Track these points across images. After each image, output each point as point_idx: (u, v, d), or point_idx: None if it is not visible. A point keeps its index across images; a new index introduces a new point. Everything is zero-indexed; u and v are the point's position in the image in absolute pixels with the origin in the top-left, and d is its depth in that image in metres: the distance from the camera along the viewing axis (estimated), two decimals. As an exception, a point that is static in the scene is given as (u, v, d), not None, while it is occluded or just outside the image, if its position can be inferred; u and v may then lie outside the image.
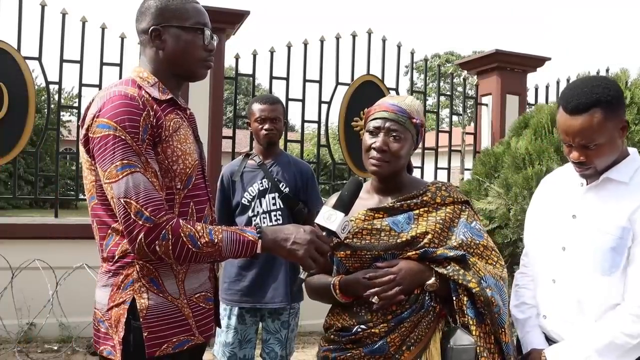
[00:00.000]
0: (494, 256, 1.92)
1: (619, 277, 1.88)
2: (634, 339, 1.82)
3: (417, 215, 1.91)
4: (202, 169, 1.86)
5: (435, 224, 1.88)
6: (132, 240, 1.59)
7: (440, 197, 1.93)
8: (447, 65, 19.86)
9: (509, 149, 3.83)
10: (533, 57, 6.76)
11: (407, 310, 1.83)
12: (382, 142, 1.90)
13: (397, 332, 1.81)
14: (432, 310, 1.83)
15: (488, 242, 1.94)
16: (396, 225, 1.89)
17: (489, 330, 1.80)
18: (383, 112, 1.94)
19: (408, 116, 1.93)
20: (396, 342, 1.81)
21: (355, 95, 6.01)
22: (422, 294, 1.84)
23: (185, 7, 1.80)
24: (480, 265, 1.85)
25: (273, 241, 1.71)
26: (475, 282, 1.80)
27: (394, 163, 1.92)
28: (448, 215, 1.91)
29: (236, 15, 5.43)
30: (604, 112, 1.82)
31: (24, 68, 5.00)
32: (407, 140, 1.93)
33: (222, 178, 3.25)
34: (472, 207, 2.00)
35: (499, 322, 1.80)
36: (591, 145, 1.86)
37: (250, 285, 3.08)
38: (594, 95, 1.83)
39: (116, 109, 1.62)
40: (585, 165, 1.91)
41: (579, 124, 1.84)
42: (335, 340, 1.92)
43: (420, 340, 1.81)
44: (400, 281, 1.80)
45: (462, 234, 1.89)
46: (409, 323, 1.81)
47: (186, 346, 1.73)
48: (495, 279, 1.85)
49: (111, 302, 1.70)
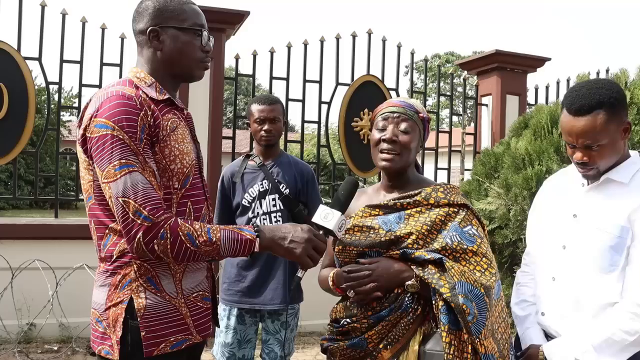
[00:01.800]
0: (484, 263, 1.84)
1: (617, 276, 1.91)
2: (631, 335, 1.85)
3: (409, 215, 1.90)
4: (199, 168, 1.86)
5: (423, 225, 1.86)
6: (130, 240, 1.59)
7: (434, 198, 1.91)
8: (447, 65, 19.87)
9: (508, 150, 3.83)
10: (533, 58, 6.77)
11: (386, 308, 1.83)
12: (392, 133, 1.92)
13: (375, 329, 1.82)
14: (412, 311, 1.81)
15: (480, 248, 1.85)
16: (385, 223, 1.90)
17: (467, 339, 1.72)
18: (391, 107, 1.97)
19: (415, 110, 1.96)
20: (374, 340, 1.82)
21: (355, 95, 6.02)
22: (402, 294, 1.83)
23: (182, 8, 1.81)
24: (457, 270, 1.77)
25: (271, 240, 1.71)
26: (447, 287, 1.74)
27: (404, 156, 1.93)
28: (439, 217, 1.88)
29: (236, 16, 5.43)
30: (607, 113, 1.86)
31: (24, 68, 5.01)
32: (416, 134, 1.95)
33: (223, 179, 3.25)
34: (472, 211, 1.95)
35: (474, 330, 1.71)
36: (594, 146, 1.89)
37: (250, 286, 3.08)
38: (598, 97, 1.86)
39: (114, 108, 1.62)
40: (588, 166, 1.94)
41: (582, 125, 1.87)
42: (331, 331, 1.97)
43: (397, 341, 1.81)
44: (376, 278, 1.82)
45: (449, 238, 1.84)
46: (387, 322, 1.81)
47: (184, 345, 1.73)
48: (475, 285, 1.76)
49: (109, 302, 1.70)
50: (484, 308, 1.75)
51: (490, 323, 1.77)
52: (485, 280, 1.80)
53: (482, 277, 1.80)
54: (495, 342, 1.77)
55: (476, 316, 1.72)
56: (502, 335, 1.83)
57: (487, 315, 1.75)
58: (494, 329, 1.79)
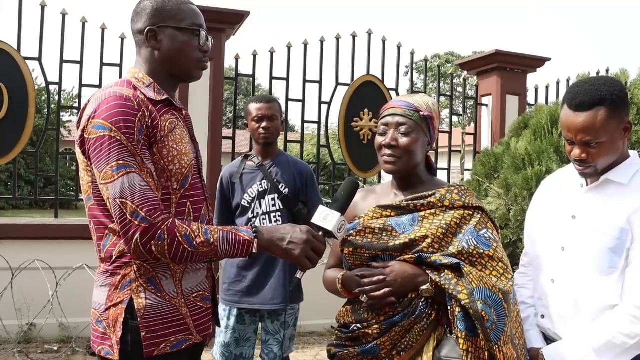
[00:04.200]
0: (500, 268, 1.80)
1: (617, 278, 1.89)
2: (632, 339, 1.83)
3: (422, 217, 1.85)
4: (198, 169, 1.86)
5: (438, 228, 1.81)
6: (128, 241, 1.60)
7: (449, 200, 1.86)
8: (447, 65, 19.84)
9: (508, 150, 3.83)
10: (533, 58, 6.76)
11: (399, 313, 1.78)
12: (391, 138, 1.89)
13: (388, 335, 1.77)
14: (426, 316, 1.76)
15: (496, 252, 1.81)
16: (399, 226, 1.85)
17: (483, 346, 1.69)
18: (390, 109, 1.95)
19: (415, 109, 1.91)
20: (387, 346, 1.78)
21: (355, 95, 6.02)
22: (416, 299, 1.78)
23: (181, 8, 1.81)
24: (475, 275, 1.73)
25: (269, 241, 1.71)
26: (466, 293, 1.70)
27: (406, 159, 1.90)
28: (455, 220, 1.83)
29: (236, 16, 5.43)
30: (607, 110, 1.84)
31: (24, 68, 5.01)
32: (418, 134, 1.90)
33: (222, 179, 3.25)
34: (487, 214, 1.90)
35: (493, 337, 1.67)
36: (593, 143, 1.87)
37: (249, 286, 3.08)
38: (599, 94, 1.85)
39: (111, 109, 1.62)
40: (586, 164, 1.92)
41: (583, 121, 1.86)
42: (338, 336, 1.93)
43: (411, 347, 1.76)
44: (390, 283, 1.77)
45: (466, 242, 1.80)
46: (400, 328, 1.77)
47: (184, 345, 1.73)
48: (493, 291, 1.72)
49: (109, 302, 1.70)
50: (503, 314, 1.71)
51: (509, 329, 1.73)
52: (503, 285, 1.76)
53: (499, 282, 1.76)
54: (514, 347, 1.74)
55: (495, 322, 1.68)
56: (519, 340, 1.81)
57: (505, 321, 1.71)
58: (512, 334, 1.75)
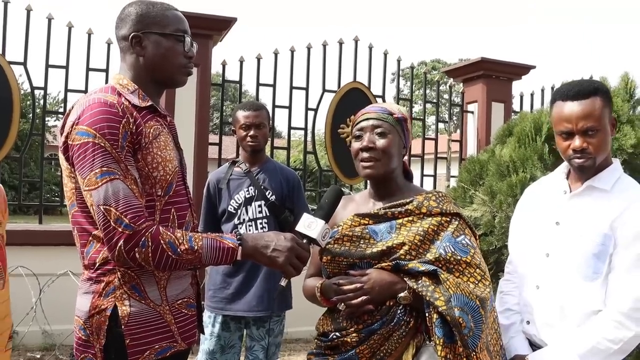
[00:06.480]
0: (478, 274, 1.80)
1: (600, 283, 1.92)
2: (616, 344, 1.85)
3: (400, 224, 1.85)
4: (182, 175, 1.86)
5: (415, 235, 1.81)
6: (111, 248, 1.59)
7: (426, 207, 1.86)
8: (433, 72, 19.97)
9: (493, 157, 3.85)
10: (518, 65, 6.83)
11: (377, 321, 1.78)
12: (368, 141, 1.89)
13: (367, 343, 1.77)
14: (404, 324, 1.76)
15: (473, 258, 1.81)
16: (376, 233, 1.86)
17: (462, 352, 1.69)
18: (364, 115, 1.96)
19: (389, 112, 1.93)
20: (366, 354, 1.77)
21: (341, 102, 6.03)
22: (394, 307, 1.78)
23: (165, 14, 1.81)
24: (452, 282, 1.73)
25: (253, 248, 1.70)
26: (443, 300, 1.70)
27: (385, 161, 1.89)
28: (432, 227, 1.83)
29: (223, 22, 5.43)
30: (602, 100, 1.94)
31: (9, 73, 4.97)
32: (394, 136, 1.91)
33: (209, 185, 3.24)
34: (465, 220, 1.91)
35: (470, 344, 1.67)
36: (593, 130, 1.92)
37: (235, 293, 3.07)
38: (593, 84, 1.97)
39: (95, 116, 1.61)
40: (587, 154, 1.95)
41: (582, 108, 1.93)
42: (318, 345, 1.92)
43: (390, 355, 1.76)
44: (368, 290, 1.77)
45: (443, 248, 1.80)
46: (379, 336, 1.76)
47: (169, 353, 1.72)
48: (470, 298, 1.72)
49: (92, 310, 1.68)
50: (480, 320, 1.72)
51: (485, 335, 1.74)
52: (480, 292, 1.76)
53: (477, 289, 1.76)
54: (489, 354, 1.75)
55: (472, 329, 1.69)
56: (494, 347, 1.81)
57: (482, 327, 1.72)
58: (487, 340, 1.77)
